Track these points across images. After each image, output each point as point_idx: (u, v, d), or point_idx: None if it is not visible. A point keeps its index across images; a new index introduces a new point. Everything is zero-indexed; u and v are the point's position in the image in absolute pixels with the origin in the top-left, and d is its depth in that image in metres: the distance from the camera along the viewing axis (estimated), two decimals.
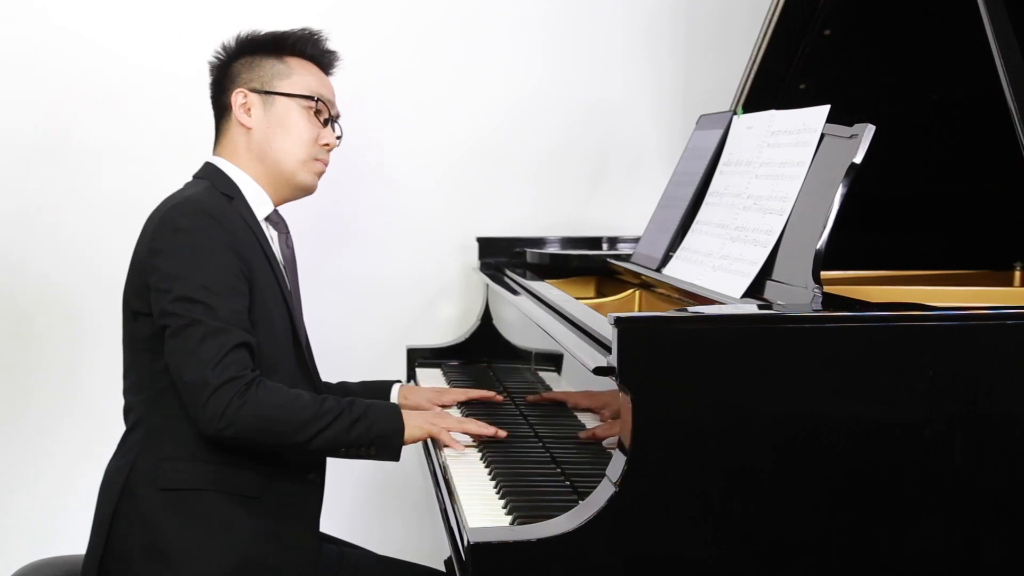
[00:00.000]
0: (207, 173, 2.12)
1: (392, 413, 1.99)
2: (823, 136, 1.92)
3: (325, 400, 1.94)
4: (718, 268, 2.04)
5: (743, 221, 2.05)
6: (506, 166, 3.15)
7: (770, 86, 2.52)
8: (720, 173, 2.25)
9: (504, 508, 1.76)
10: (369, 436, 1.95)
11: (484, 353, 2.87)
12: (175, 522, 1.93)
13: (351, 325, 3.09)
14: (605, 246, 3.03)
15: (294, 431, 1.90)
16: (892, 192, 2.44)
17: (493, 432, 2.06)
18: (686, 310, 1.59)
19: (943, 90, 2.47)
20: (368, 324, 3.11)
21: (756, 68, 2.53)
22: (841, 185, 1.78)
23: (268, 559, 1.96)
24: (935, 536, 1.56)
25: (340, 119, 2.24)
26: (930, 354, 1.56)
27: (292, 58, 2.17)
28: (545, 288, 2.38)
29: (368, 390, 2.30)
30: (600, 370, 1.59)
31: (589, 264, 2.77)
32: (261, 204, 2.12)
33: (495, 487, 1.85)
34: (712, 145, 2.31)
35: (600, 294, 2.70)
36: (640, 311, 2.42)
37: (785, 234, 1.91)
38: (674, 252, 2.28)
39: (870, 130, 1.78)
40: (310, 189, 2.20)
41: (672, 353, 1.54)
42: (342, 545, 2.20)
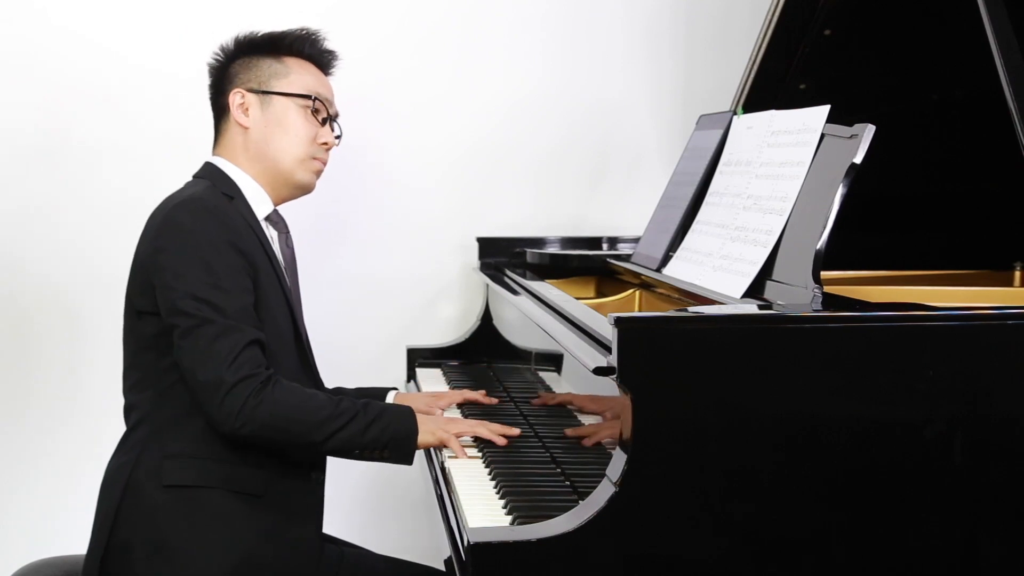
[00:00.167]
0: (207, 173, 2.12)
1: (407, 416, 1.99)
2: (823, 136, 1.92)
3: (341, 401, 1.95)
4: (718, 268, 2.04)
5: (743, 221, 2.05)
6: (506, 166, 3.15)
7: (770, 86, 2.52)
8: (720, 173, 2.25)
9: (504, 508, 1.76)
10: (384, 439, 1.95)
11: (484, 353, 2.87)
12: (178, 519, 1.93)
13: (351, 325, 3.09)
14: (605, 246, 3.03)
15: (310, 431, 1.91)
16: (892, 192, 2.44)
17: (505, 433, 2.04)
18: (686, 310, 1.59)
19: (943, 90, 2.47)
20: (368, 324, 3.11)
21: (756, 68, 2.53)
22: (841, 185, 1.78)
23: (271, 557, 1.96)
24: (935, 536, 1.56)
25: (339, 118, 2.24)
26: (930, 354, 1.56)
27: (290, 58, 2.18)
28: (545, 288, 2.37)
29: (363, 396, 2.30)
30: (600, 370, 1.59)
31: (589, 264, 2.77)
32: (261, 204, 2.12)
33: (495, 487, 1.85)
34: (712, 145, 2.31)
35: (600, 294, 2.70)
36: (640, 311, 2.42)
37: (785, 234, 1.91)
38: (674, 252, 2.28)
39: (870, 130, 1.78)
40: (308, 188, 2.20)
41: (672, 353, 1.54)
42: (342, 545, 2.20)
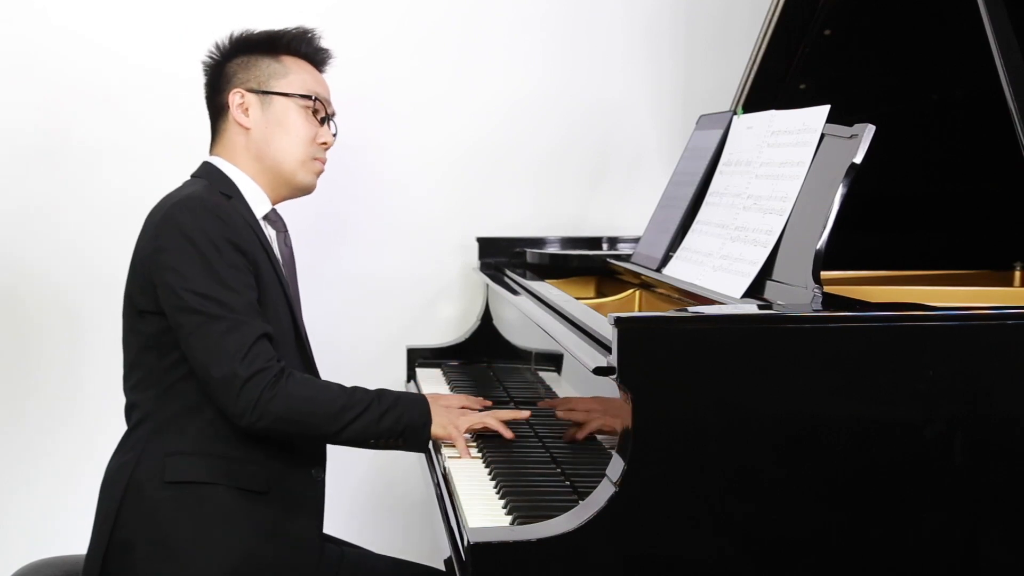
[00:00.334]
0: (205, 172, 2.12)
1: (421, 404, 2.01)
2: (823, 136, 1.92)
3: (355, 391, 1.96)
4: (718, 268, 2.04)
5: (743, 221, 2.05)
6: (506, 166, 3.15)
7: (770, 86, 2.52)
8: (720, 173, 2.25)
9: (504, 508, 1.76)
10: (398, 428, 1.96)
11: (484, 353, 2.87)
12: (181, 515, 1.93)
13: (351, 325, 3.09)
14: (605, 246, 3.03)
15: (325, 422, 1.92)
16: (892, 192, 2.44)
17: (514, 419, 2.06)
18: (686, 310, 1.59)
19: (943, 90, 2.47)
20: (368, 324, 3.11)
21: (756, 68, 2.53)
22: (841, 185, 1.78)
23: (272, 556, 1.97)
24: (935, 536, 1.56)
25: (336, 117, 2.24)
26: (930, 354, 1.56)
27: (287, 57, 2.17)
28: (545, 288, 2.37)
29: None
30: (600, 370, 1.59)
31: (589, 264, 2.76)
32: (259, 203, 2.12)
33: (495, 487, 1.85)
34: (712, 145, 2.31)
35: (600, 294, 2.70)
36: (640, 311, 2.42)
37: (785, 234, 1.91)
38: (674, 252, 2.28)
39: (870, 130, 1.78)
40: (309, 189, 2.20)
41: (672, 353, 1.54)
42: (342, 545, 2.20)
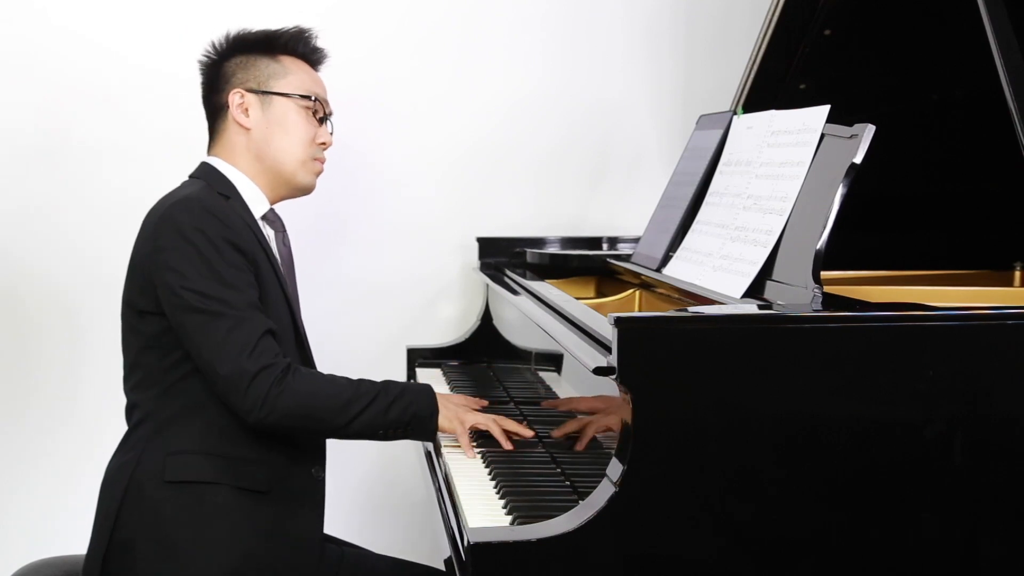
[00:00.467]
0: (203, 173, 2.11)
1: (427, 394, 2.01)
2: (823, 136, 1.92)
3: (361, 383, 1.97)
4: (718, 268, 2.04)
5: (743, 221, 2.05)
6: (506, 166, 3.15)
7: (770, 86, 2.52)
8: (720, 173, 2.25)
9: (504, 508, 1.76)
10: (405, 418, 1.97)
11: (484, 353, 2.87)
12: (181, 515, 1.93)
13: (351, 325, 3.09)
14: (605, 246, 3.03)
15: (333, 415, 1.93)
16: (892, 192, 2.44)
17: (516, 433, 2.05)
18: (686, 310, 1.59)
19: (943, 90, 2.47)
20: (368, 324, 3.11)
21: (756, 68, 2.53)
22: (841, 185, 1.78)
23: (273, 555, 1.97)
24: (935, 536, 1.56)
25: (333, 117, 2.24)
26: (930, 354, 1.56)
27: (285, 57, 2.17)
28: (545, 288, 2.37)
29: None
30: (600, 370, 1.59)
31: (589, 264, 2.76)
32: (258, 203, 2.12)
33: (495, 487, 1.85)
34: (712, 145, 2.31)
35: (600, 294, 2.70)
36: (640, 311, 2.42)
37: (785, 234, 1.91)
38: (674, 252, 2.28)
39: (870, 130, 1.78)
40: (308, 189, 2.20)
41: (672, 353, 1.54)
42: (342, 545, 2.20)
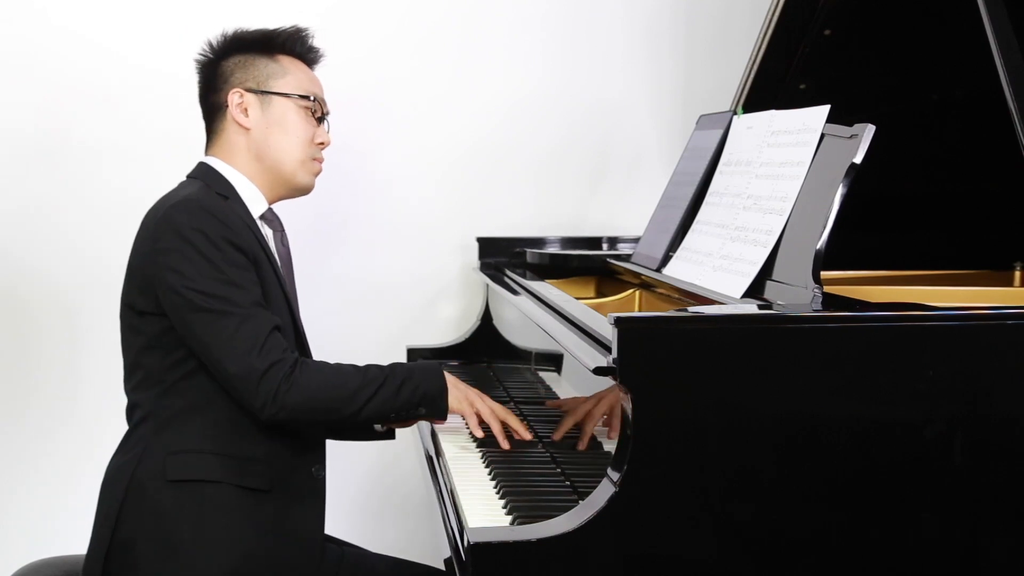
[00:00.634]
0: (200, 173, 2.11)
1: (436, 373, 2.02)
2: (823, 136, 1.92)
3: (368, 369, 1.98)
4: (718, 268, 2.04)
5: (743, 221, 2.05)
6: (506, 166, 3.15)
7: (770, 86, 2.52)
8: (720, 173, 2.25)
9: (504, 508, 1.76)
10: (416, 398, 1.98)
11: (484, 353, 2.87)
12: (183, 514, 1.93)
13: (351, 325, 3.09)
14: (605, 246, 3.03)
15: (343, 405, 1.94)
16: (892, 192, 2.44)
17: (517, 433, 2.05)
18: (686, 310, 1.59)
19: (943, 90, 2.47)
20: (368, 324, 3.11)
21: (756, 68, 2.53)
22: (841, 185, 1.78)
23: (274, 553, 1.97)
24: (935, 536, 1.56)
25: (331, 116, 2.23)
26: (930, 354, 1.56)
27: (284, 56, 2.17)
28: (545, 288, 2.37)
29: None
30: (600, 370, 1.59)
31: (589, 264, 2.76)
32: (256, 203, 2.11)
33: (495, 487, 1.85)
34: (712, 145, 2.31)
35: (600, 294, 2.70)
36: (640, 311, 2.42)
37: (785, 234, 1.91)
38: (674, 252, 2.28)
39: (870, 130, 1.78)
40: (307, 189, 2.20)
41: (672, 353, 1.54)
42: (342, 545, 2.20)
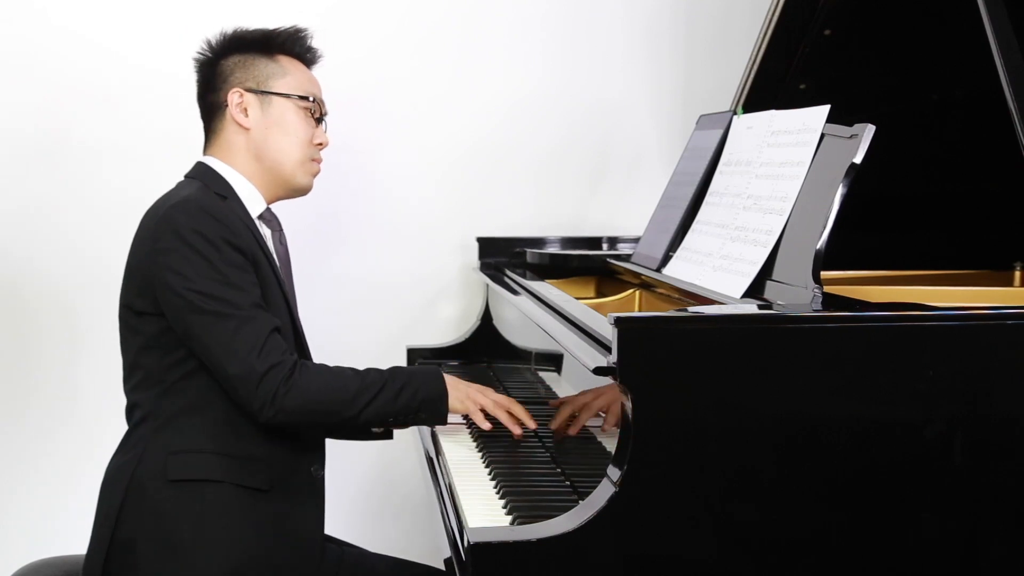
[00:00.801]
0: (199, 173, 2.11)
1: (435, 377, 2.02)
2: (823, 136, 1.92)
3: (368, 373, 1.98)
4: (718, 268, 2.04)
5: (743, 221, 2.05)
6: (506, 166, 3.15)
7: (770, 86, 2.52)
8: (720, 173, 2.25)
9: (504, 508, 1.76)
10: (415, 403, 1.98)
11: (484, 353, 2.87)
12: (184, 513, 1.93)
13: (351, 325, 3.09)
14: (605, 246, 3.03)
15: (342, 408, 1.94)
16: (892, 192, 2.44)
17: (523, 422, 2.05)
18: (686, 310, 1.59)
19: (943, 90, 2.47)
20: (368, 324, 3.11)
21: (756, 68, 2.53)
22: (841, 185, 1.78)
23: (275, 553, 1.97)
24: (935, 536, 1.56)
25: (330, 117, 2.23)
26: (930, 354, 1.56)
27: (283, 56, 2.17)
28: (545, 288, 2.37)
29: None
30: (600, 370, 1.59)
31: (589, 264, 2.76)
32: (254, 203, 2.11)
33: (495, 487, 1.85)
34: (712, 145, 2.31)
35: (600, 294, 2.70)
36: (640, 311, 2.42)
37: (785, 234, 1.91)
38: (674, 252, 2.28)
39: (870, 130, 1.78)
40: (306, 190, 2.19)
41: (672, 353, 1.54)
42: (342, 545, 2.20)
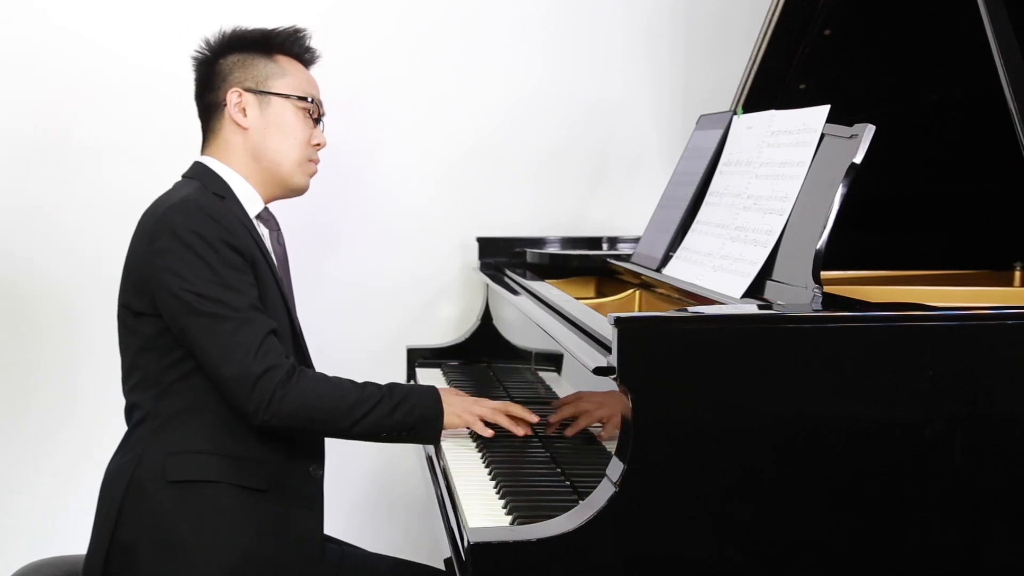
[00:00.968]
0: (196, 173, 2.11)
1: (432, 397, 2.02)
2: (823, 136, 1.92)
3: (366, 386, 1.97)
4: (718, 268, 2.04)
5: (743, 221, 2.05)
6: (506, 166, 3.15)
7: (770, 86, 2.52)
8: (720, 173, 2.25)
9: (504, 508, 1.76)
10: (410, 421, 1.97)
11: (484, 353, 2.87)
12: (184, 513, 1.93)
13: (352, 325, 3.09)
14: (605, 246, 3.03)
15: (337, 418, 1.94)
16: (892, 192, 2.44)
17: (525, 419, 2.05)
18: (686, 310, 1.59)
19: (943, 90, 2.47)
20: (368, 324, 3.11)
21: (756, 68, 2.53)
22: (841, 185, 1.78)
23: (274, 553, 1.97)
24: (935, 536, 1.56)
25: (329, 117, 2.23)
26: (930, 354, 1.56)
27: (282, 57, 2.17)
28: (545, 288, 2.37)
29: None
30: (600, 370, 1.59)
31: (589, 264, 2.77)
32: (252, 202, 2.11)
33: (495, 487, 1.85)
34: (712, 145, 2.31)
35: (600, 294, 2.70)
36: (640, 311, 2.42)
37: (785, 234, 1.91)
38: (674, 252, 2.28)
39: (870, 130, 1.78)
40: (303, 190, 2.20)
41: (672, 353, 1.54)
42: (342, 545, 2.20)
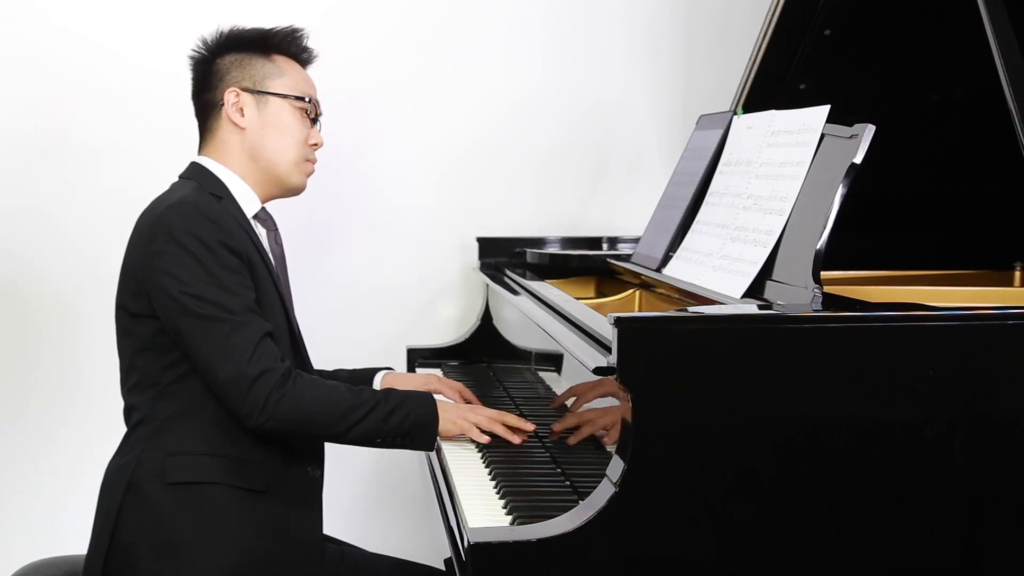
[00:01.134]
0: (193, 173, 2.11)
1: (427, 403, 2.01)
2: (823, 136, 1.92)
3: (362, 391, 1.97)
4: (718, 268, 2.04)
5: (743, 221, 2.05)
6: (506, 166, 3.15)
7: (770, 86, 2.52)
8: (720, 173, 2.25)
9: (504, 508, 1.76)
10: (404, 427, 1.97)
11: (484, 353, 2.87)
12: (183, 515, 1.93)
13: (351, 325, 3.09)
14: (605, 246, 3.03)
15: (332, 422, 1.93)
16: (892, 192, 2.44)
17: (520, 428, 2.05)
18: (686, 310, 1.60)
19: (943, 90, 2.47)
20: (368, 324, 3.11)
21: (756, 68, 2.53)
22: (841, 185, 1.78)
23: (274, 554, 1.97)
24: (935, 536, 1.56)
25: (328, 116, 2.23)
26: (930, 354, 1.56)
27: (279, 56, 2.17)
28: (545, 288, 2.37)
29: (354, 379, 2.29)
30: (600, 370, 1.59)
31: (589, 264, 2.77)
32: (249, 202, 2.11)
33: (495, 487, 1.85)
34: (712, 145, 2.31)
35: (600, 294, 2.70)
36: (640, 311, 2.42)
37: (785, 234, 1.91)
38: (674, 252, 2.28)
39: (870, 130, 1.78)
40: (299, 190, 2.20)
41: (672, 353, 1.54)
42: (342, 545, 2.20)
